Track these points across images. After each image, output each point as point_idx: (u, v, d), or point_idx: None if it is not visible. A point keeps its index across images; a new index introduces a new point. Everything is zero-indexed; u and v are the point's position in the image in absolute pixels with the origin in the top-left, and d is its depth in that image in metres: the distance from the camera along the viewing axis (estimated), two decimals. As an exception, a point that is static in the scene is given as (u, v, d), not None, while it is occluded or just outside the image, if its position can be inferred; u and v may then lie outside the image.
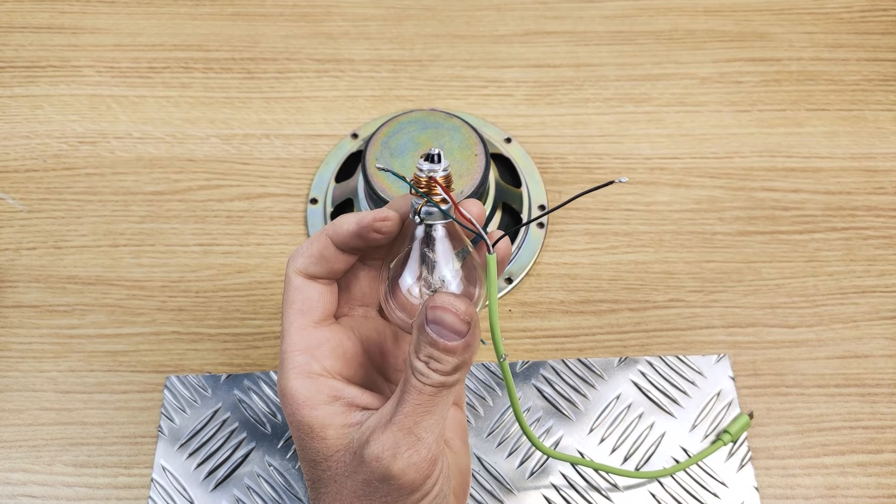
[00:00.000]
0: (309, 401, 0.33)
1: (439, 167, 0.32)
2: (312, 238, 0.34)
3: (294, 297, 0.34)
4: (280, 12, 0.65)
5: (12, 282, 0.52)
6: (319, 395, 0.33)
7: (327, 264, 0.34)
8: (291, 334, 0.34)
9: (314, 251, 0.34)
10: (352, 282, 0.37)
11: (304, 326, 0.34)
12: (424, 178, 0.32)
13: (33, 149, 0.58)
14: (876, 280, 0.53)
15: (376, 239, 0.33)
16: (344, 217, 0.34)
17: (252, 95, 0.61)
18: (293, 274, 0.34)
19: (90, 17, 0.65)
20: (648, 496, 0.45)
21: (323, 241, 0.34)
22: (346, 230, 0.33)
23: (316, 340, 0.34)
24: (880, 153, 0.58)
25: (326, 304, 0.35)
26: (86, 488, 0.45)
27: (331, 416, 0.33)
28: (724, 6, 0.66)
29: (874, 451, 0.47)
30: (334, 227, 0.34)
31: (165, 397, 0.48)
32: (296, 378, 0.33)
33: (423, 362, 0.31)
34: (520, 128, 0.60)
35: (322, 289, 0.35)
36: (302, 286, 0.34)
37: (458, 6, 0.66)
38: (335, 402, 0.33)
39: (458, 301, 0.31)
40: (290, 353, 0.34)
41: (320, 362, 0.34)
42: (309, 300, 0.34)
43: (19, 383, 0.49)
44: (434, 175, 0.32)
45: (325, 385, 0.33)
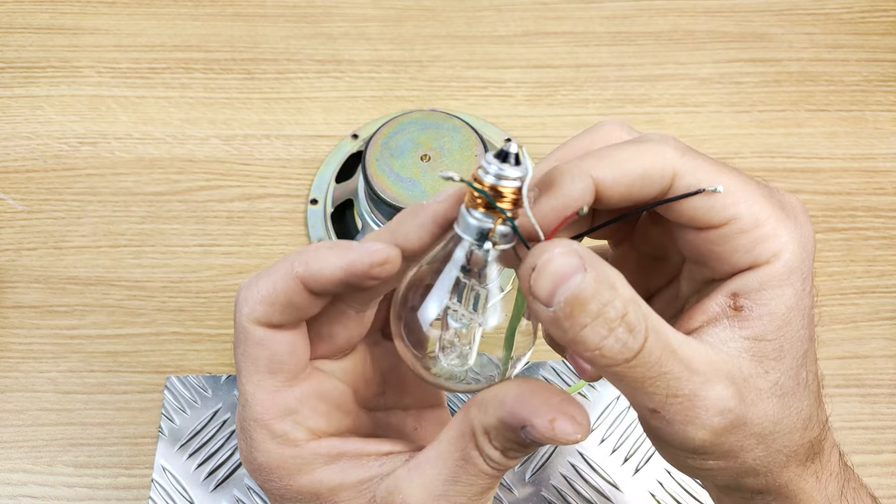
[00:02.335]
0: (304, 467, 0.27)
1: (521, 172, 0.23)
2: (274, 277, 0.26)
3: (257, 355, 0.27)
4: (280, 13, 0.65)
5: (12, 282, 0.52)
6: (317, 458, 0.27)
7: (297, 313, 0.26)
8: (261, 400, 0.27)
9: (278, 297, 0.26)
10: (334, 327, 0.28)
11: (276, 388, 0.27)
12: (511, 189, 0.23)
13: (34, 149, 0.58)
14: (876, 280, 0.53)
15: (370, 286, 0.26)
16: (321, 252, 0.26)
17: (252, 96, 0.61)
18: (250, 325, 0.26)
19: (90, 18, 0.65)
20: (648, 496, 0.45)
21: (291, 284, 0.26)
22: (327, 276, 0.25)
23: (294, 402, 0.27)
24: (880, 154, 0.59)
25: (300, 356, 0.27)
26: (86, 489, 0.45)
27: (340, 475, 0.27)
28: (724, 7, 0.66)
29: (874, 452, 0.47)
30: (309, 268, 0.25)
31: (166, 398, 0.48)
32: (277, 449, 0.27)
33: (499, 452, 0.25)
34: (520, 128, 0.60)
35: (292, 338, 0.27)
36: (265, 340, 0.26)
37: (459, 7, 0.66)
38: (339, 460, 0.27)
39: (572, 409, 0.24)
40: (262, 423, 0.27)
41: (304, 426, 0.27)
42: (277, 356, 0.27)
43: (19, 384, 0.49)
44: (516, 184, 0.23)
45: (319, 447, 0.27)
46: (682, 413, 0.24)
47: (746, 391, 0.25)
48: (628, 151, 0.25)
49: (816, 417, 0.27)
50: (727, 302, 0.25)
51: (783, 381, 0.25)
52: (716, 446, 0.25)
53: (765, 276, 0.24)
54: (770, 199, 0.25)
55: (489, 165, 0.23)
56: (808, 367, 0.26)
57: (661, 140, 0.25)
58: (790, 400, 0.26)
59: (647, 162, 0.24)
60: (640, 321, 0.23)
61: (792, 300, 0.25)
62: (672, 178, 0.25)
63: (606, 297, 0.22)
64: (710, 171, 0.25)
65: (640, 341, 0.22)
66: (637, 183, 0.24)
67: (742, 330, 0.25)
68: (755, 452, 0.26)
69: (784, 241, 0.24)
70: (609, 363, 0.23)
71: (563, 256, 0.22)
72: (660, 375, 0.23)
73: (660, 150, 0.25)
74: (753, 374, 0.25)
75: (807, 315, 0.25)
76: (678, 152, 0.25)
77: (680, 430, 0.24)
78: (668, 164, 0.24)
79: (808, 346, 0.26)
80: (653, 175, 0.24)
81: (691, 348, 0.24)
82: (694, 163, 0.25)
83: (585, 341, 0.22)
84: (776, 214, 0.25)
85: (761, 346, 0.25)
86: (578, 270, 0.22)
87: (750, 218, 0.24)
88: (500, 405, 0.25)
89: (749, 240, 0.24)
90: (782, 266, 0.24)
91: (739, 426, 0.25)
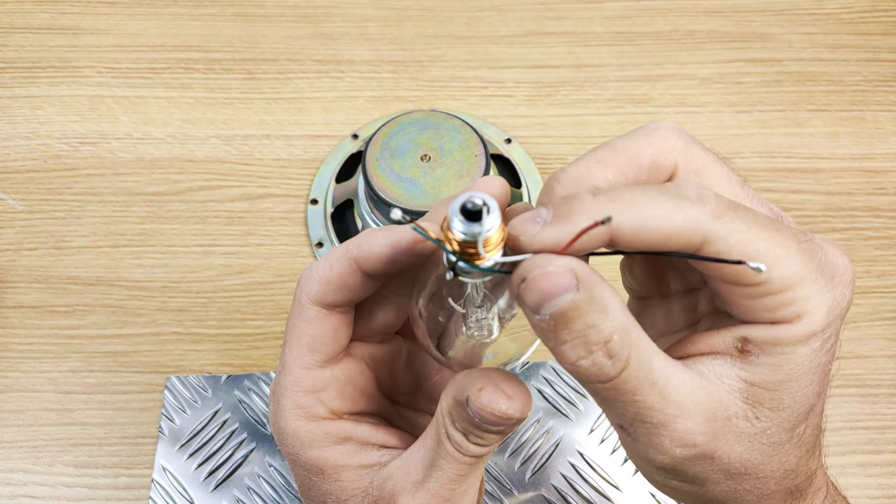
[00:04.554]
0: (315, 442, 0.29)
1: (484, 228, 0.22)
2: (331, 259, 0.28)
3: (304, 331, 0.28)
4: (281, 13, 0.65)
5: (13, 282, 0.52)
6: (327, 437, 0.29)
7: (350, 293, 0.28)
8: (295, 371, 0.29)
9: (334, 277, 0.28)
10: (374, 308, 0.30)
11: (311, 365, 0.29)
12: (459, 240, 0.23)
13: (34, 149, 0.58)
14: (876, 280, 0.53)
15: (413, 263, 0.27)
16: (370, 235, 0.27)
17: (253, 96, 0.61)
18: (308, 303, 0.28)
19: (91, 18, 0.65)
20: (649, 496, 0.45)
21: (346, 265, 0.27)
22: (377, 253, 0.27)
23: (324, 381, 0.29)
24: (880, 154, 0.59)
25: (340, 341, 0.29)
26: (86, 489, 0.45)
27: (344, 457, 0.29)
28: (724, 7, 0.66)
29: (874, 452, 0.47)
30: (361, 250, 0.27)
31: (166, 398, 0.48)
32: (297, 420, 0.29)
33: (461, 433, 0.26)
34: (520, 128, 0.60)
35: (338, 323, 0.29)
36: (315, 319, 0.28)
37: (459, 7, 0.66)
38: (346, 443, 0.29)
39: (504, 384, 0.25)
40: (291, 392, 0.29)
41: (326, 405, 0.29)
42: (320, 337, 0.28)
43: (20, 384, 0.49)
44: (473, 239, 0.23)
45: (332, 427, 0.29)
46: (646, 437, 0.24)
47: (723, 430, 0.24)
48: (658, 207, 0.23)
49: (804, 468, 0.27)
50: (735, 343, 0.24)
51: (773, 431, 0.25)
52: (678, 472, 0.25)
53: (781, 334, 0.24)
54: (810, 259, 0.23)
55: (454, 223, 0.23)
56: (810, 421, 0.26)
57: (699, 199, 0.23)
58: (776, 450, 0.25)
59: (675, 224, 0.22)
60: (625, 349, 0.22)
61: (804, 359, 0.24)
62: (701, 244, 0.23)
63: (594, 320, 0.22)
64: (746, 236, 0.23)
65: (618, 369, 0.23)
66: (659, 243, 0.23)
67: (742, 371, 0.24)
68: (721, 486, 0.26)
69: (812, 306, 0.23)
70: (583, 381, 0.23)
71: (554, 275, 0.22)
72: (631, 402, 0.23)
73: (693, 214, 0.22)
74: (738, 415, 0.24)
75: (819, 373, 0.25)
76: (714, 215, 0.22)
77: (643, 449, 0.25)
78: (699, 230, 0.23)
79: (816, 402, 0.25)
80: (679, 238, 0.23)
81: (677, 379, 0.24)
82: (730, 227, 0.23)
83: (563, 356, 0.23)
84: (811, 277, 0.23)
85: (758, 392, 0.24)
86: (570, 289, 0.22)
87: (781, 282, 0.23)
88: (453, 383, 0.26)
89: (776, 301, 0.23)
90: (802, 328, 0.23)
91: (704, 460, 0.24)
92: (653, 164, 0.25)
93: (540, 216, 0.23)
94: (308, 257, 0.54)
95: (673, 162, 0.25)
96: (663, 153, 0.25)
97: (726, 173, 0.26)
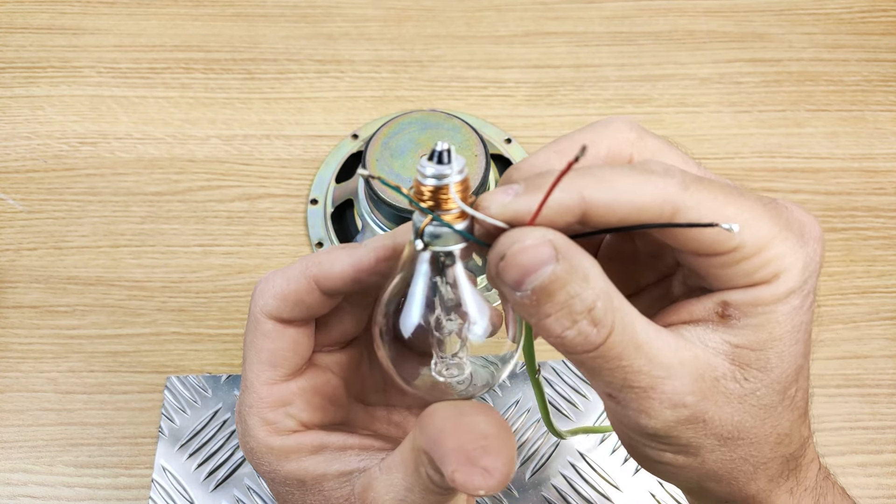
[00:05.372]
0: (291, 454, 0.28)
1: (451, 169, 0.23)
2: (289, 275, 0.27)
3: (262, 346, 0.28)
4: (280, 13, 0.65)
5: (13, 282, 0.52)
6: (301, 448, 0.28)
7: (307, 311, 0.28)
8: (258, 388, 0.28)
9: (291, 294, 0.27)
10: (331, 319, 0.30)
11: (274, 380, 0.28)
12: (430, 188, 0.23)
13: (34, 149, 0.58)
14: (876, 280, 0.53)
15: (375, 283, 0.27)
16: (332, 253, 0.27)
17: (252, 96, 0.61)
18: (262, 317, 0.28)
19: (90, 18, 0.65)
20: (648, 496, 0.45)
21: (304, 283, 0.27)
22: (338, 273, 0.27)
23: (289, 395, 0.28)
24: (880, 154, 0.59)
25: (302, 353, 0.29)
26: (86, 489, 0.45)
27: (323, 465, 0.28)
28: (724, 6, 0.66)
29: (874, 452, 0.47)
30: (321, 268, 0.27)
31: (166, 398, 0.48)
32: (267, 436, 0.28)
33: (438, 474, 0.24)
34: (520, 128, 0.60)
35: (297, 336, 0.28)
36: (272, 333, 0.28)
37: (459, 7, 0.66)
38: (323, 451, 0.28)
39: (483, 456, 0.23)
40: (256, 410, 0.28)
41: (295, 418, 0.28)
42: (280, 351, 0.28)
43: (20, 384, 0.49)
44: (443, 182, 0.23)
45: (304, 438, 0.28)
46: (636, 402, 0.24)
47: (712, 391, 0.24)
48: (628, 181, 0.23)
49: (797, 434, 0.27)
50: (715, 308, 0.25)
51: (763, 392, 0.25)
52: (670, 437, 0.25)
53: (761, 294, 0.24)
54: (777, 218, 0.24)
55: (420, 167, 0.23)
56: (799, 384, 0.26)
57: (665, 173, 0.23)
58: (768, 413, 0.25)
59: (646, 196, 0.23)
60: (608, 315, 0.22)
61: (786, 317, 0.24)
62: (672, 215, 0.23)
63: (576, 289, 0.22)
64: (714, 204, 0.23)
65: (604, 336, 0.23)
66: (632, 215, 0.23)
67: (725, 335, 0.24)
68: (716, 454, 0.25)
69: (787, 263, 0.24)
70: (569, 352, 0.23)
71: (534, 248, 0.22)
72: (618, 368, 0.23)
73: (662, 185, 0.23)
74: (727, 376, 0.24)
75: (803, 331, 0.25)
76: (681, 186, 0.23)
77: (633, 415, 0.24)
78: (669, 201, 0.23)
79: (803, 363, 0.25)
80: (650, 210, 0.23)
81: (661, 342, 0.24)
82: (697, 196, 0.23)
83: (547, 329, 0.23)
84: (781, 235, 0.24)
85: (744, 353, 0.24)
86: (549, 261, 0.22)
87: (754, 244, 0.23)
88: (423, 432, 0.25)
89: (751, 265, 0.24)
90: (781, 287, 0.24)
91: (696, 422, 0.24)
92: (609, 154, 0.25)
93: (511, 189, 0.23)
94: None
95: (628, 152, 0.26)
96: (618, 144, 0.25)
97: (681, 157, 0.26)
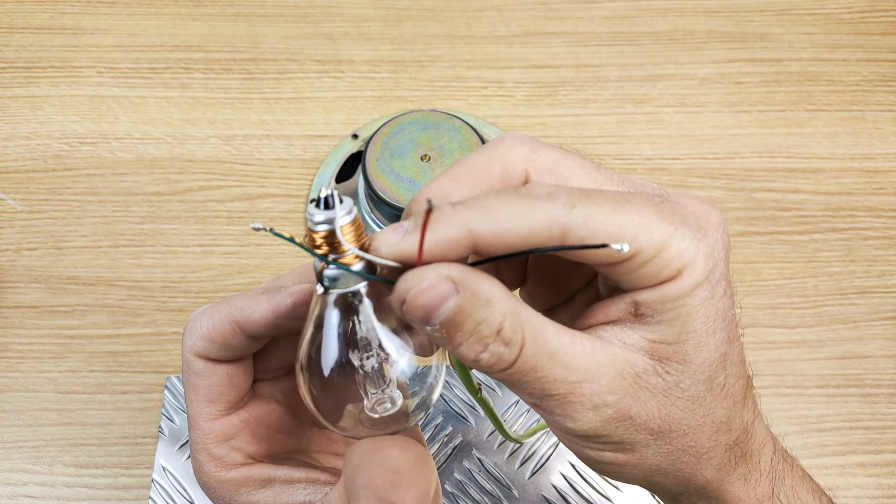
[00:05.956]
0: (241, 488, 0.29)
1: (338, 212, 0.23)
2: (214, 318, 0.28)
3: (198, 384, 0.28)
4: (280, 13, 0.65)
5: (13, 282, 0.52)
6: (250, 482, 0.29)
7: (234, 352, 0.28)
8: (201, 425, 0.28)
9: (217, 336, 0.28)
10: (269, 349, 0.30)
11: (215, 416, 0.28)
12: (321, 233, 0.24)
13: (34, 149, 0.58)
14: (876, 280, 0.53)
15: (296, 326, 0.27)
16: (253, 299, 0.27)
17: (252, 96, 0.61)
18: (192, 357, 0.28)
19: (90, 18, 0.65)
20: (648, 496, 0.45)
21: (228, 328, 0.27)
22: (258, 319, 0.27)
23: (233, 428, 0.29)
24: (880, 153, 0.59)
25: (240, 386, 0.29)
26: (86, 489, 0.45)
27: (272, 499, 0.28)
28: (724, 6, 0.66)
29: (874, 452, 0.47)
30: (242, 313, 0.27)
31: (166, 398, 0.48)
32: (217, 471, 0.29)
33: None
34: (520, 128, 0.60)
35: (231, 371, 0.28)
36: (204, 372, 0.28)
37: (459, 7, 0.66)
38: (271, 485, 0.29)
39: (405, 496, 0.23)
40: (202, 446, 0.29)
41: (241, 451, 0.29)
42: (216, 388, 0.28)
43: (20, 384, 0.49)
44: (331, 227, 0.23)
45: (252, 472, 0.29)
46: (559, 408, 0.24)
47: (634, 387, 0.24)
48: (512, 209, 0.23)
49: (738, 420, 0.27)
50: (629, 308, 0.25)
51: (688, 384, 0.25)
52: (601, 437, 0.25)
53: (667, 291, 0.24)
54: (671, 217, 0.24)
55: (308, 214, 0.23)
56: (729, 371, 0.26)
57: (549, 196, 0.23)
58: (696, 403, 0.25)
59: (533, 223, 0.23)
60: (517, 332, 0.23)
61: (697, 309, 0.24)
62: (562, 236, 0.23)
63: (481, 315, 0.22)
64: (602, 216, 0.23)
65: (516, 353, 0.23)
66: (521, 242, 0.23)
67: (642, 331, 0.25)
68: (652, 448, 0.26)
69: (689, 258, 0.24)
70: (488, 372, 0.24)
71: (431, 287, 0.22)
72: (535, 379, 0.24)
73: (547, 210, 0.23)
74: (648, 371, 0.25)
75: (720, 319, 0.25)
76: (567, 207, 0.23)
77: (560, 420, 0.25)
78: (556, 224, 0.23)
79: (727, 349, 0.25)
80: (538, 235, 0.23)
81: (574, 346, 0.24)
82: (585, 213, 0.23)
83: (462, 356, 0.23)
84: (678, 233, 0.24)
85: (661, 348, 0.25)
86: (450, 295, 0.22)
87: (651, 247, 0.23)
88: (343, 469, 0.25)
89: (653, 266, 0.24)
90: (686, 281, 0.24)
91: (623, 420, 0.25)
92: (503, 173, 0.25)
93: (402, 227, 0.23)
94: (308, 258, 0.54)
95: (522, 168, 0.25)
96: (511, 162, 0.25)
97: (578, 163, 0.26)
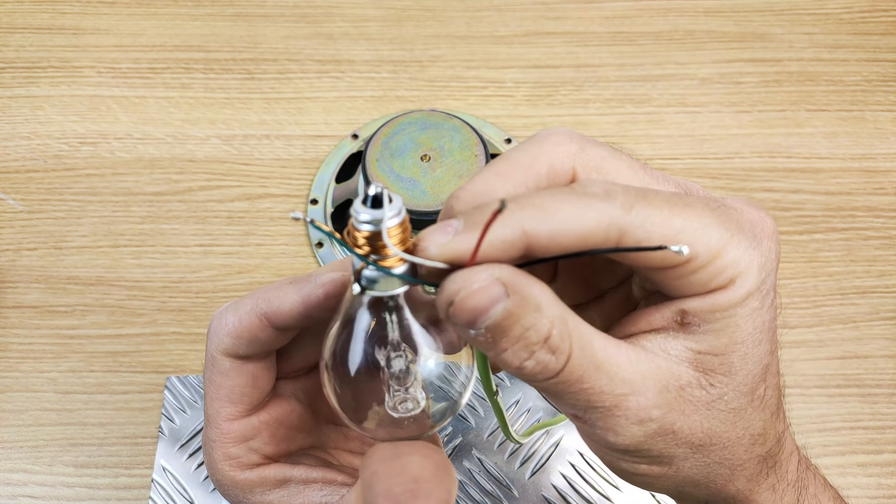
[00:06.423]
0: (255, 488, 0.28)
1: (387, 213, 0.21)
2: (240, 312, 0.27)
3: (221, 383, 0.28)
4: (280, 13, 0.65)
5: (13, 282, 0.52)
6: (265, 482, 0.28)
7: (262, 346, 0.27)
8: (219, 424, 0.28)
9: (244, 332, 0.27)
10: (292, 347, 0.29)
11: (235, 416, 0.28)
12: (364, 233, 0.22)
13: (34, 149, 0.58)
14: (876, 280, 0.53)
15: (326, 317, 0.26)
16: (280, 289, 0.27)
17: (252, 96, 0.61)
18: (219, 356, 0.27)
19: (90, 18, 0.65)
20: (648, 496, 0.45)
21: (256, 321, 0.27)
22: (287, 311, 0.26)
23: (252, 429, 0.28)
24: (880, 153, 0.59)
25: (262, 388, 0.28)
26: (86, 489, 0.45)
27: (287, 499, 0.28)
28: (724, 7, 0.66)
29: (874, 452, 0.47)
30: (270, 304, 0.26)
31: (166, 398, 0.48)
32: (231, 471, 0.28)
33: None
34: (520, 128, 0.60)
35: (257, 371, 0.28)
36: (230, 371, 0.28)
37: (459, 7, 0.66)
38: (286, 485, 0.28)
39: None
40: (219, 445, 0.28)
41: (259, 451, 0.28)
42: (240, 388, 0.28)
43: (20, 384, 0.49)
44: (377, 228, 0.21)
45: (268, 472, 0.28)
46: (602, 421, 0.24)
47: (678, 400, 0.24)
48: (569, 208, 0.22)
49: (773, 431, 0.26)
50: (674, 317, 0.24)
51: (731, 396, 0.24)
52: (641, 451, 0.24)
53: (718, 300, 0.23)
54: (728, 222, 0.23)
55: (353, 211, 0.22)
56: (768, 382, 0.25)
57: (607, 195, 0.22)
58: (738, 416, 0.25)
59: (590, 223, 0.22)
60: (565, 341, 0.22)
61: (746, 320, 0.24)
62: (618, 238, 0.22)
63: (530, 321, 0.22)
64: (660, 219, 0.22)
65: (562, 362, 0.22)
66: (577, 243, 0.22)
67: (686, 341, 0.24)
68: (690, 461, 0.25)
69: (743, 266, 0.23)
70: (530, 381, 0.23)
71: (482, 290, 0.21)
72: (580, 391, 0.23)
73: (605, 210, 0.22)
74: (692, 384, 0.24)
75: (766, 331, 0.24)
76: (625, 207, 0.22)
77: (601, 434, 0.24)
78: (614, 225, 0.22)
79: (769, 361, 0.25)
80: (595, 236, 0.22)
81: (621, 357, 0.23)
82: (643, 214, 0.22)
83: (506, 363, 0.22)
84: (734, 239, 0.23)
85: (707, 359, 0.24)
86: (500, 299, 0.21)
87: (707, 253, 0.22)
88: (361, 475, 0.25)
89: (706, 273, 0.23)
90: (738, 291, 0.23)
91: (665, 434, 0.24)
92: (550, 170, 0.24)
93: (450, 226, 0.22)
94: (308, 257, 0.54)
95: (570, 165, 0.24)
96: (559, 158, 0.24)
97: (626, 162, 0.25)
